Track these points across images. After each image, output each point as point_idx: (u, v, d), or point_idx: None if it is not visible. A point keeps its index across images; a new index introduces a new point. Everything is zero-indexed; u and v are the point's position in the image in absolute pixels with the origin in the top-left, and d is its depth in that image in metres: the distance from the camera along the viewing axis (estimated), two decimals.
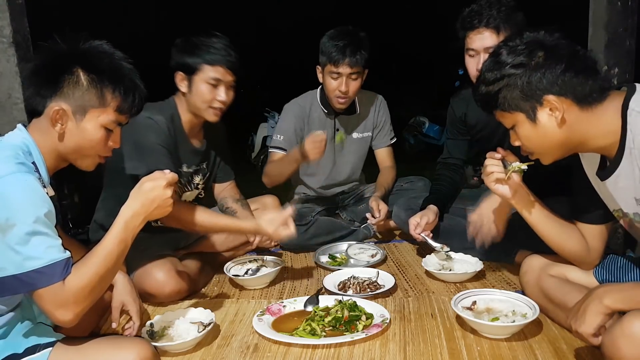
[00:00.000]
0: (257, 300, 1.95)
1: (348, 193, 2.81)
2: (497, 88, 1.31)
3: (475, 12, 1.94)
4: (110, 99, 1.33)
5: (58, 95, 1.28)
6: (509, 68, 1.29)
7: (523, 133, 1.35)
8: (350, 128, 2.66)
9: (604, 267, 1.55)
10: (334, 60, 2.36)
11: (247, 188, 2.47)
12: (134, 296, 1.63)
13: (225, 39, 1.97)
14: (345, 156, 2.70)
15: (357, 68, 2.39)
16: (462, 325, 1.63)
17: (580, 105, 1.26)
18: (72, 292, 1.19)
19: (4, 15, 2.42)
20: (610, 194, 1.37)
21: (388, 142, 2.76)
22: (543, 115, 1.29)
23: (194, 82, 1.93)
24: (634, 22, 2.40)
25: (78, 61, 1.31)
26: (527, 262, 1.72)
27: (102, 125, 1.33)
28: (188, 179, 2.11)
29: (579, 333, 1.22)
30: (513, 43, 1.31)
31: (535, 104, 1.29)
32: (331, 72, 2.41)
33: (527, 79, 1.27)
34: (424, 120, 7.67)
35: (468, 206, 2.27)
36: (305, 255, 2.43)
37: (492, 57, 1.35)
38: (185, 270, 1.97)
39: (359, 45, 2.38)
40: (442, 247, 2.13)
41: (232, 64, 1.94)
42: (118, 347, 1.30)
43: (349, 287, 1.92)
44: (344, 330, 1.61)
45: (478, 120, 2.21)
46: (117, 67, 1.35)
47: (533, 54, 1.27)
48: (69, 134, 1.31)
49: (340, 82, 2.41)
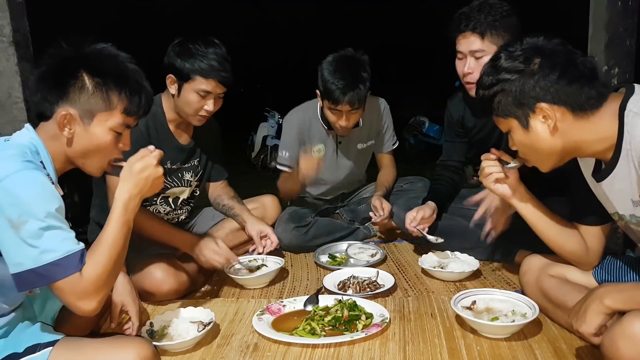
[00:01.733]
0: (257, 299, 1.95)
1: (348, 193, 2.81)
2: (492, 92, 1.31)
3: (464, 16, 1.94)
4: (117, 102, 1.32)
5: (64, 100, 1.28)
6: (504, 73, 1.29)
7: (517, 139, 1.35)
8: (353, 140, 2.61)
9: (603, 268, 1.55)
10: (333, 100, 2.28)
11: (247, 187, 2.48)
12: (134, 296, 1.63)
13: (222, 49, 1.96)
14: (349, 167, 2.67)
15: (357, 106, 2.31)
16: (461, 325, 1.63)
17: (574, 113, 1.25)
18: (90, 281, 1.21)
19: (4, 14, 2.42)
20: (606, 196, 1.37)
21: (390, 148, 2.74)
22: (536, 123, 1.28)
23: (184, 88, 1.94)
24: (634, 22, 2.40)
25: (82, 65, 1.31)
26: (527, 262, 1.72)
27: (111, 129, 1.33)
28: (177, 175, 2.13)
29: (580, 332, 1.22)
30: (512, 48, 1.31)
31: (527, 111, 1.28)
32: (331, 108, 2.35)
33: (520, 86, 1.27)
34: (424, 120, 7.67)
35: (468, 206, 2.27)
36: (305, 255, 2.43)
37: (491, 62, 1.34)
38: (184, 268, 1.98)
39: (359, 81, 2.26)
40: (436, 239, 2.12)
41: (224, 79, 1.94)
42: (118, 346, 1.30)
43: (348, 287, 1.92)
44: (344, 330, 1.61)
45: (475, 122, 2.21)
46: (122, 70, 1.35)
47: (529, 61, 1.27)
48: (77, 138, 1.31)
49: (340, 117, 2.35)
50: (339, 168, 2.65)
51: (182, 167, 2.14)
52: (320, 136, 2.58)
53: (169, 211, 2.19)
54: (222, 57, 1.93)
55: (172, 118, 2.05)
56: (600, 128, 1.25)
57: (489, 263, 2.19)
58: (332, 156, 2.61)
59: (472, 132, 2.25)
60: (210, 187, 2.35)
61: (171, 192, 2.15)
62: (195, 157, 2.18)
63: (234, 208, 2.28)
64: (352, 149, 2.63)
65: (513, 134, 1.35)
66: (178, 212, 2.23)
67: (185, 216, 2.29)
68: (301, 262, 2.36)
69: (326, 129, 2.56)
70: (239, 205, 2.29)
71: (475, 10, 1.92)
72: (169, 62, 1.95)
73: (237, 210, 2.27)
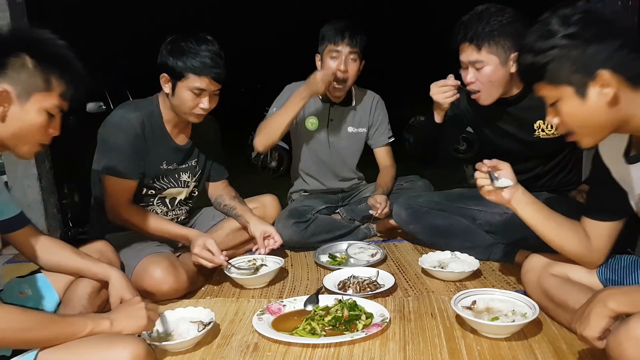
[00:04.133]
0: (257, 299, 1.95)
1: (347, 192, 2.81)
2: (547, 59, 1.22)
3: (463, 26, 1.92)
4: (56, 85, 1.33)
5: (2, 77, 1.28)
6: (560, 38, 1.19)
7: (567, 109, 1.25)
8: (344, 120, 2.67)
9: (607, 267, 1.52)
10: (333, 39, 2.42)
11: (247, 187, 2.48)
12: (132, 290, 1.62)
13: (215, 46, 1.94)
14: (339, 148, 2.70)
15: (355, 49, 2.44)
16: (462, 324, 1.63)
17: (632, 85, 1.19)
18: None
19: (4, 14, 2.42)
20: (632, 178, 1.32)
21: (386, 141, 2.76)
22: (594, 92, 1.19)
23: (178, 87, 1.93)
24: (634, 22, 2.40)
25: (23, 47, 1.30)
26: (528, 261, 1.72)
27: (45, 110, 1.33)
28: (173, 176, 2.13)
29: (584, 337, 1.19)
30: (564, 12, 1.22)
31: (587, 79, 1.19)
32: (331, 52, 2.44)
33: (580, 51, 1.18)
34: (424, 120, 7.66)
35: (469, 206, 2.27)
36: (305, 255, 2.43)
37: (541, 26, 1.24)
38: (183, 268, 1.97)
39: (358, 28, 2.45)
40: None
41: (218, 75, 1.92)
42: (111, 344, 1.27)
43: (348, 287, 1.92)
44: (344, 330, 1.60)
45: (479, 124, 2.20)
46: (63, 55, 1.36)
47: (588, 25, 1.18)
48: (10, 117, 1.30)
49: (339, 62, 2.43)
50: (330, 146, 2.68)
51: (178, 168, 2.13)
52: (315, 108, 2.64)
53: (167, 211, 2.19)
54: (214, 53, 1.91)
55: (169, 118, 2.05)
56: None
57: (489, 263, 2.19)
58: (323, 133, 2.66)
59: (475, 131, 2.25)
60: (210, 187, 2.35)
61: (167, 193, 2.15)
62: (192, 157, 2.17)
63: (235, 208, 2.28)
64: (343, 130, 2.68)
65: (563, 104, 1.25)
66: (177, 213, 2.23)
67: (184, 217, 2.29)
68: (301, 262, 2.36)
69: (321, 99, 2.62)
70: (240, 205, 2.29)
71: (475, 19, 1.89)
72: (161, 61, 1.94)
73: (239, 210, 2.27)
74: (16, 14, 2.60)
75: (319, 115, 2.65)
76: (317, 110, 2.65)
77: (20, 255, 1.68)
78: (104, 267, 1.65)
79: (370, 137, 2.74)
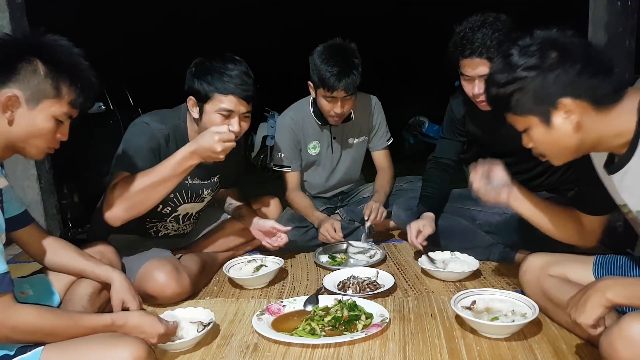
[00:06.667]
0: (256, 300, 1.95)
1: (347, 193, 2.81)
2: (509, 91, 1.25)
3: (467, 40, 1.87)
4: (66, 93, 1.33)
5: (13, 81, 1.28)
6: (521, 70, 1.22)
7: (536, 137, 1.29)
8: (346, 135, 2.63)
9: (604, 267, 1.54)
10: (328, 87, 2.28)
11: (247, 187, 2.48)
12: (133, 293, 1.63)
13: (243, 65, 1.85)
14: (344, 162, 2.67)
15: (352, 90, 2.32)
16: (461, 325, 1.63)
17: (596, 108, 1.21)
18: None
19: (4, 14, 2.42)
20: (615, 188, 1.34)
21: (384, 144, 2.74)
22: (558, 119, 1.23)
23: (205, 110, 1.83)
24: (634, 22, 2.40)
25: (37, 52, 1.31)
26: (527, 262, 1.72)
27: (54, 116, 1.33)
28: (197, 191, 2.06)
29: (578, 323, 1.21)
30: (524, 42, 1.25)
31: (550, 108, 1.22)
32: (325, 96, 2.35)
33: (540, 82, 1.20)
34: (424, 120, 7.66)
35: (468, 206, 2.27)
36: (305, 255, 2.43)
37: (502, 58, 1.28)
38: (186, 272, 1.94)
39: (352, 67, 2.27)
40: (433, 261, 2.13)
41: (246, 94, 1.82)
42: (112, 345, 1.27)
43: (348, 287, 1.93)
44: (344, 330, 1.61)
45: (478, 126, 2.20)
46: (75, 62, 1.36)
47: (546, 55, 1.20)
48: (18, 121, 1.30)
49: (334, 105, 2.35)
50: (335, 163, 2.66)
51: (200, 184, 2.06)
52: (314, 132, 2.59)
53: (177, 228, 2.16)
54: (242, 72, 1.83)
55: (194, 133, 1.93)
56: (620, 122, 1.21)
57: (488, 263, 2.19)
58: (327, 152, 2.62)
59: (473, 135, 2.25)
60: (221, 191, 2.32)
61: (182, 209, 2.09)
62: (215, 174, 2.11)
63: (241, 208, 2.27)
64: (346, 144, 2.65)
65: (532, 132, 1.29)
66: (185, 228, 2.21)
67: (191, 229, 2.27)
68: (301, 262, 2.36)
69: (320, 124, 2.56)
70: (246, 207, 2.27)
71: (477, 32, 1.85)
72: (188, 86, 1.85)
73: (244, 211, 2.25)
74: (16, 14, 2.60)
75: (321, 139, 2.59)
76: (318, 134, 2.59)
77: (21, 255, 1.68)
78: (107, 270, 1.65)
79: (370, 141, 2.72)
